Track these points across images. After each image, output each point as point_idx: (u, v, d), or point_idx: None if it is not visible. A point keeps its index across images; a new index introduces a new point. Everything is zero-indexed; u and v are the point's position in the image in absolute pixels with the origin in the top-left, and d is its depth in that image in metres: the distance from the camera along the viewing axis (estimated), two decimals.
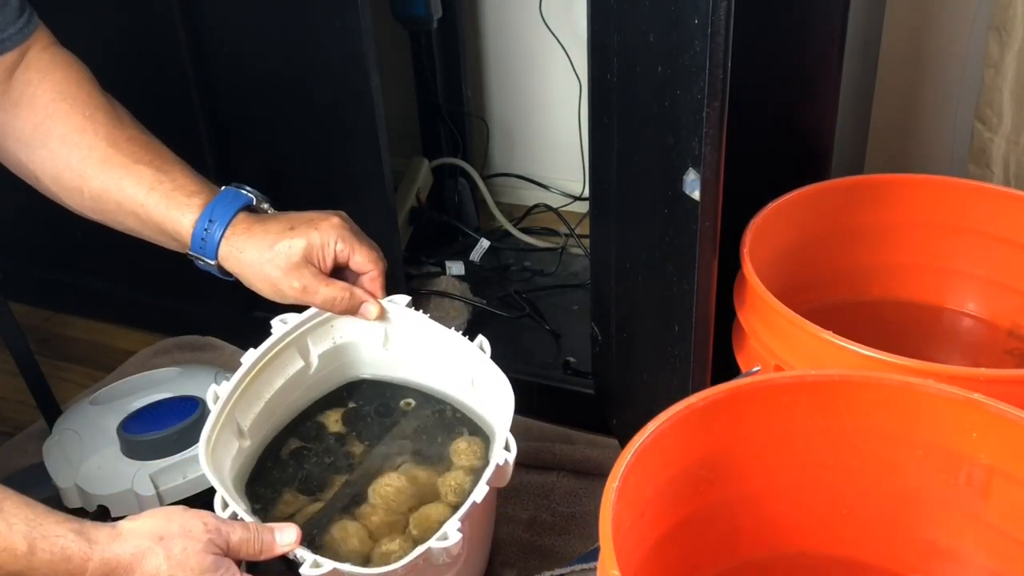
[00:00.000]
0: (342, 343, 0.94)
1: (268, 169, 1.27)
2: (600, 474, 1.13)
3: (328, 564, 0.73)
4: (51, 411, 1.18)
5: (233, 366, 0.89)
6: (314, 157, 1.25)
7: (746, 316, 0.90)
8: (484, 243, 1.54)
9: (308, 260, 0.84)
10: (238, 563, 0.73)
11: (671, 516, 0.71)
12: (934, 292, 1.05)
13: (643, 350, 1.02)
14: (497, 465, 0.79)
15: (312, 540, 0.82)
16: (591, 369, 1.23)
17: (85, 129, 0.85)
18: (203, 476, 1.05)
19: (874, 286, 1.06)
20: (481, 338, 0.89)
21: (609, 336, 1.12)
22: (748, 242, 0.90)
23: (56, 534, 0.67)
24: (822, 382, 0.71)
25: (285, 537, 0.75)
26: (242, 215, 0.85)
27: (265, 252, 0.84)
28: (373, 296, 0.89)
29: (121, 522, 0.71)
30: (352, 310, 0.88)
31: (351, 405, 0.95)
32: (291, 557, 0.76)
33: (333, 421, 0.94)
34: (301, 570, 0.73)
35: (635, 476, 0.63)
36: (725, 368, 0.92)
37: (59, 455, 1.07)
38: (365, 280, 0.89)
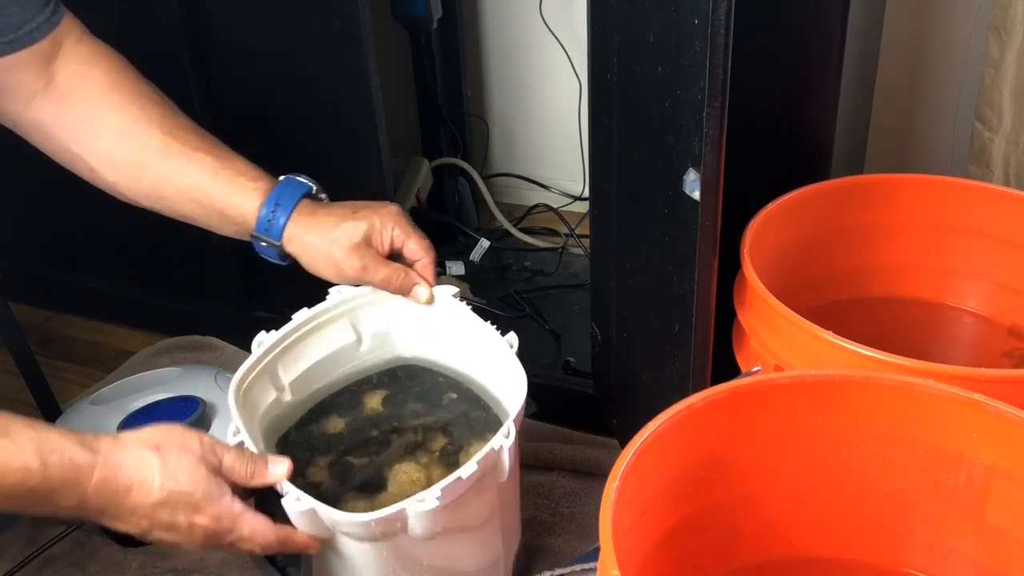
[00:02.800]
0: (391, 326, 0.97)
1: (268, 169, 1.27)
2: (600, 474, 1.13)
3: (308, 501, 0.75)
4: (51, 411, 1.18)
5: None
6: (314, 157, 1.25)
7: (746, 316, 0.90)
8: (484, 243, 1.54)
9: (368, 242, 0.89)
10: (235, 490, 0.76)
11: (671, 516, 0.71)
12: (934, 292, 1.05)
13: (643, 350, 1.02)
14: (492, 449, 0.79)
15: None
16: (591, 369, 1.23)
17: (139, 120, 0.88)
18: None
19: (874, 286, 1.06)
20: (512, 335, 0.91)
21: (609, 336, 1.12)
22: (748, 242, 0.90)
23: (63, 447, 0.71)
24: (822, 382, 0.71)
25: (277, 468, 0.78)
26: (305, 201, 0.90)
27: (330, 232, 0.88)
28: (426, 280, 0.93)
29: (123, 432, 0.77)
30: (405, 290, 0.92)
31: (392, 388, 0.97)
32: (278, 489, 0.78)
33: (373, 401, 0.95)
34: (283, 502, 0.76)
35: (635, 476, 0.63)
36: (725, 368, 0.92)
37: None
38: (418, 267, 0.93)
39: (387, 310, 0.96)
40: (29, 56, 0.85)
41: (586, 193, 1.36)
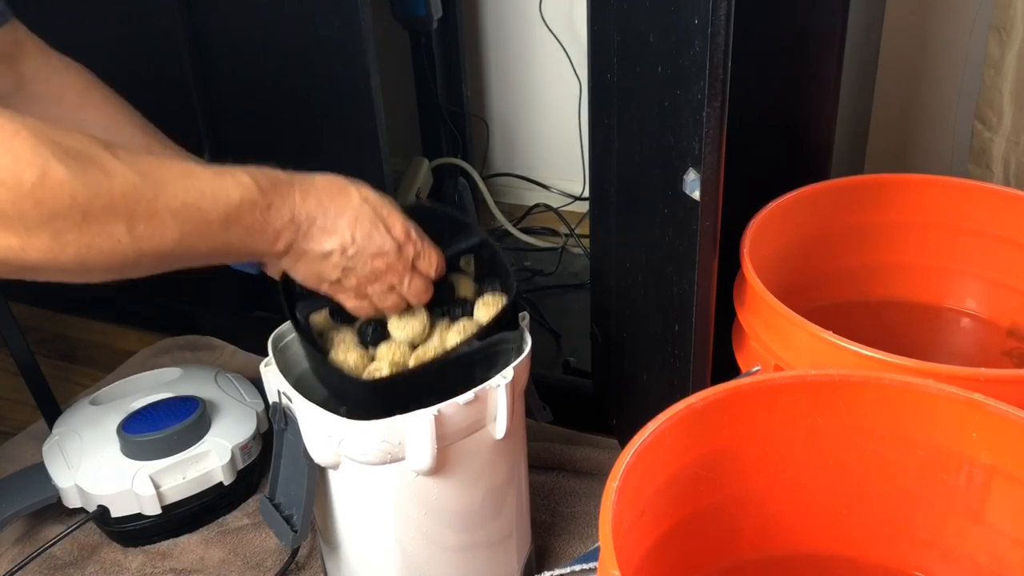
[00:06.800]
0: None
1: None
2: (600, 474, 1.13)
3: (320, 412, 0.79)
4: (51, 411, 1.18)
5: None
6: (314, 157, 1.25)
7: (746, 316, 0.90)
8: None
9: None
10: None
11: (671, 516, 0.71)
12: (934, 292, 1.05)
13: (643, 350, 1.02)
14: (489, 386, 0.80)
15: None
16: (591, 369, 1.23)
17: (119, 120, 0.91)
18: (203, 476, 1.06)
19: (874, 286, 1.06)
20: (524, 313, 0.92)
21: (609, 336, 1.12)
22: (748, 242, 0.90)
23: (259, 168, 0.74)
24: (822, 382, 0.71)
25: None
26: None
27: None
28: None
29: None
30: None
31: None
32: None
33: None
34: (296, 410, 0.81)
35: (635, 476, 0.63)
36: (725, 368, 0.92)
37: (59, 455, 1.07)
38: None
39: None
40: None
41: (586, 193, 1.36)
